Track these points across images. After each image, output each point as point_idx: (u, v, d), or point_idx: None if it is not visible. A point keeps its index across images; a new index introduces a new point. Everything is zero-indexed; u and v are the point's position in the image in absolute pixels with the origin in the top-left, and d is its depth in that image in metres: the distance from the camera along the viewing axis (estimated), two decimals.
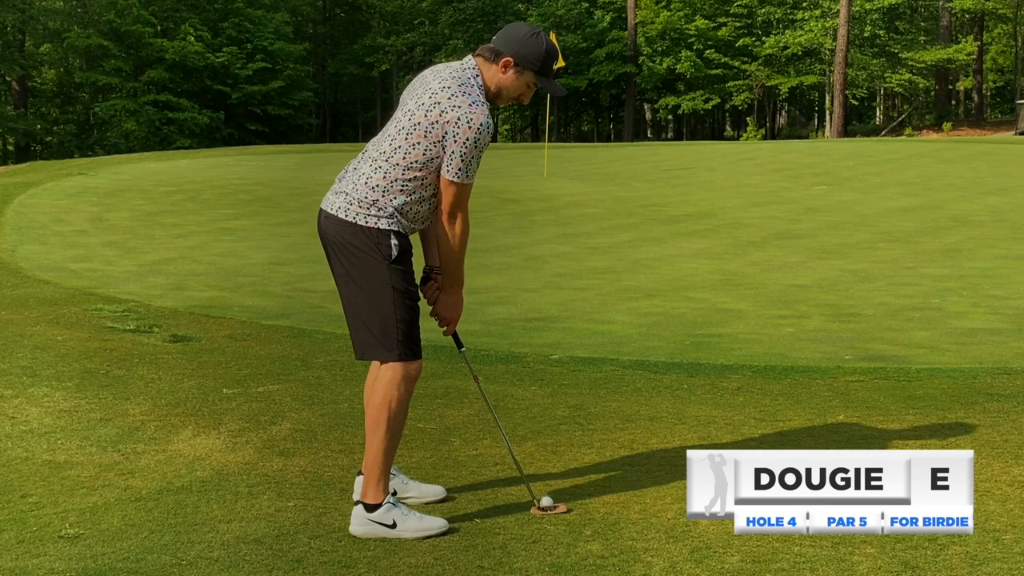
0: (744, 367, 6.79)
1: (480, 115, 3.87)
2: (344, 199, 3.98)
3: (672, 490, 4.37)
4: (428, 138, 3.89)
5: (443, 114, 3.87)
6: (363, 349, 4.02)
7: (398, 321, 3.95)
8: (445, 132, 3.87)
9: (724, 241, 14.42)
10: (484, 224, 15.82)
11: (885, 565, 3.60)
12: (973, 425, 5.35)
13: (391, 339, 3.95)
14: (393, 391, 3.97)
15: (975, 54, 55.52)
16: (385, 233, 3.93)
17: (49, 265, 11.51)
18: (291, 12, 61.38)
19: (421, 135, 3.90)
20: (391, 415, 3.98)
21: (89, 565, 3.68)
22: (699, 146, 39.72)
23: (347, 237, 3.95)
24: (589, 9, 58.15)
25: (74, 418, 5.52)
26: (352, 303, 4.01)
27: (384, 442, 3.98)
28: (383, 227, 3.93)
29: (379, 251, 3.92)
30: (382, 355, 3.97)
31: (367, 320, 3.97)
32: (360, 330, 4.00)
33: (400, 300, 3.95)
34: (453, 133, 3.86)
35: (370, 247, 3.92)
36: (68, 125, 56.72)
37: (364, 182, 3.96)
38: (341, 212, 3.97)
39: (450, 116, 3.86)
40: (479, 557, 3.74)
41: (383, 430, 3.98)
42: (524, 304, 9.53)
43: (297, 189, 20.57)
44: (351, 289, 4.00)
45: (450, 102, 3.88)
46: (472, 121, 3.86)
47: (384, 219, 3.94)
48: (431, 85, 3.96)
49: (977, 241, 14.21)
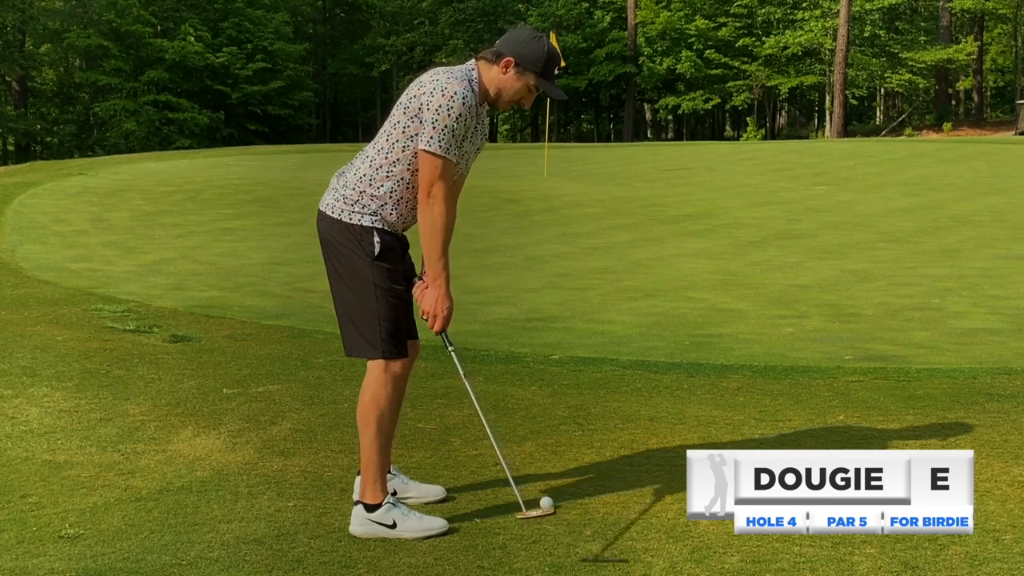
0: (744, 367, 6.79)
1: (456, 84, 3.87)
2: (333, 195, 4.03)
3: (672, 490, 4.37)
4: (407, 114, 3.91)
5: (420, 88, 3.91)
6: (350, 346, 4.05)
7: (382, 319, 3.96)
8: (420, 104, 3.89)
9: (724, 241, 14.42)
10: (484, 224, 15.82)
11: (885, 565, 3.60)
12: (973, 425, 5.35)
13: (375, 337, 3.96)
14: (379, 389, 3.99)
15: (975, 54, 55.51)
16: (368, 230, 3.95)
17: (49, 265, 11.51)
18: (291, 12, 61.36)
19: (401, 113, 3.93)
20: (379, 413, 3.99)
21: (89, 565, 3.68)
22: (699, 146, 39.71)
23: (334, 234, 4.00)
24: (589, 9, 58.14)
25: (74, 418, 5.52)
26: (340, 300, 4.05)
27: (375, 440, 3.99)
28: (366, 224, 3.95)
29: (362, 248, 3.95)
30: (367, 352, 4.00)
31: (354, 317, 4.00)
32: (348, 327, 4.03)
33: (383, 298, 3.96)
34: (427, 102, 3.87)
35: (354, 244, 3.95)
36: (68, 125, 56.69)
37: (354, 173, 4.01)
38: (329, 209, 4.02)
39: (426, 88, 3.89)
40: (479, 557, 3.74)
41: (372, 429, 4.00)
42: (524, 304, 9.53)
43: (297, 189, 20.57)
44: (339, 286, 4.04)
45: (429, 78, 3.92)
46: (446, 89, 3.86)
47: (367, 216, 3.96)
48: (422, 78, 3.99)
49: (977, 241, 14.21)
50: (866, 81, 56.59)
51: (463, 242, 14.42)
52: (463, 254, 12.96)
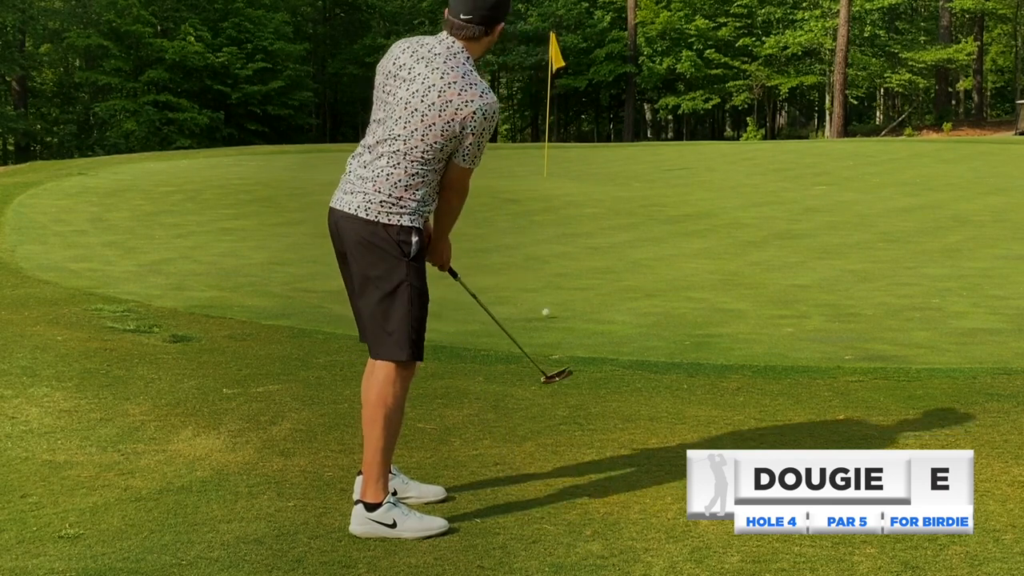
0: (744, 367, 6.79)
1: (492, 102, 3.92)
2: (363, 198, 3.96)
3: (672, 490, 4.37)
4: (445, 135, 3.90)
5: (458, 111, 3.87)
6: (378, 348, 4.02)
7: (412, 319, 3.96)
8: (463, 127, 3.89)
9: (724, 241, 14.42)
10: (484, 224, 15.81)
11: (885, 565, 3.60)
12: (973, 425, 5.35)
13: (405, 338, 3.96)
14: (387, 388, 3.98)
15: (975, 54, 55.49)
16: (407, 230, 3.94)
17: (49, 265, 11.50)
18: (291, 12, 61.31)
19: (438, 135, 3.89)
20: (388, 412, 3.98)
21: (89, 565, 3.68)
22: (699, 146, 39.71)
23: (367, 236, 3.95)
24: (589, 9, 58.13)
25: (74, 418, 5.52)
26: (368, 303, 4.00)
27: (381, 440, 3.98)
28: (406, 224, 3.94)
29: (400, 249, 3.93)
30: (395, 354, 3.97)
31: (383, 319, 3.97)
32: (376, 330, 4.00)
33: (416, 298, 3.97)
34: (471, 127, 3.89)
35: (391, 245, 3.93)
36: (68, 125, 56.65)
37: (386, 178, 3.94)
38: (361, 211, 3.95)
39: (466, 112, 3.87)
40: (479, 557, 3.74)
41: (380, 427, 3.98)
42: (524, 304, 9.52)
43: (297, 189, 20.56)
44: (368, 289, 3.99)
45: (461, 98, 3.88)
46: (487, 111, 3.91)
47: (407, 215, 3.94)
48: (430, 79, 3.91)
49: (977, 241, 14.21)
50: (866, 81, 56.57)
51: (463, 242, 14.38)
52: (463, 254, 12.94)
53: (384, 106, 4.01)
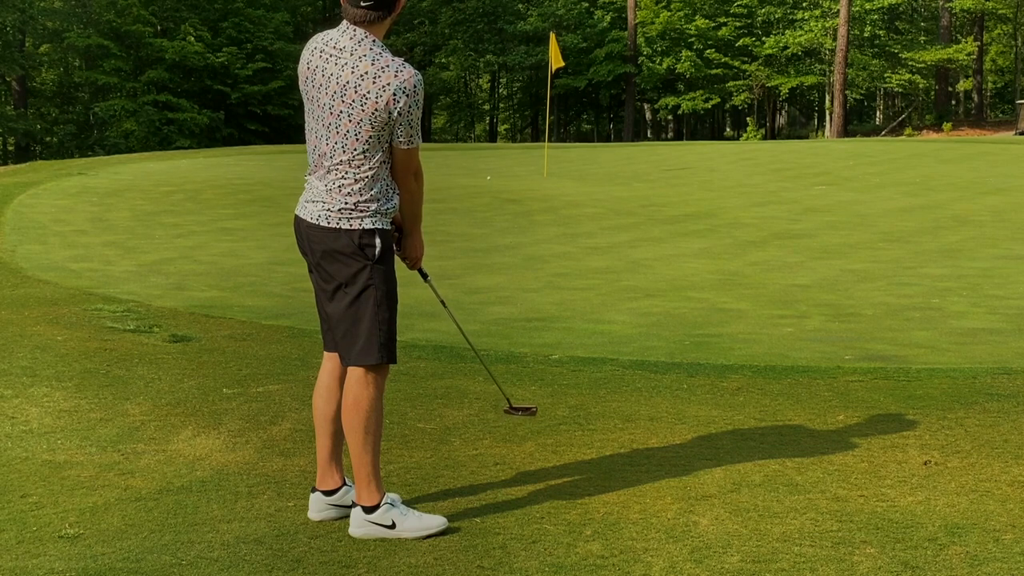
0: (744, 367, 6.79)
1: (408, 77, 3.86)
2: (322, 207, 3.96)
3: (672, 490, 4.37)
4: (375, 126, 3.86)
5: (379, 99, 3.84)
6: (348, 355, 4.00)
7: (380, 322, 3.95)
8: (389, 112, 3.85)
9: (724, 241, 14.42)
10: (484, 224, 15.81)
11: (885, 565, 3.60)
12: (973, 425, 5.36)
13: (374, 342, 3.95)
14: (361, 391, 3.97)
15: (975, 54, 55.52)
16: (369, 232, 3.93)
17: (49, 265, 11.50)
18: (291, 12, 61.33)
19: (369, 128, 3.87)
20: (365, 416, 3.96)
21: (89, 565, 3.68)
22: (699, 146, 39.71)
23: (330, 243, 3.94)
24: (589, 9, 58.14)
25: (74, 418, 5.52)
26: (337, 308, 3.99)
27: (363, 444, 3.96)
28: (367, 227, 3.93)
29: (363, 253, 3.92)
30: (365, 359, 3.95)
31: (352, 325, 3.96)
32: (346, 336, 3.98)
33: (384, 300, 3.96)
34: (397, 108, 3.85)
35: (354, 250, 3.92)
36: (68, 125, 56.61)
37: (339, 189, 3.93)
38: (323, 220, 3.95)
39: (387, 96, 3.84)
40: (479, 557, 3.74)
41: (360, 432, 3.96)
42: (524, 304, 9.52)
43: (297, 189, 20.34)
44: (337, 295, 3.99)
45: (376, 85, 3.84)
46: (407, 88, 3.85)
47: (368, 218, 3.93)
48: (343, 77, 3.88)
49: (977, 241, 14.21)
50: (866, 81, 56.58)
51: (463, 242, 14.47)
52: (463, 254, 12.97)
53: (312, 115, 4.01)
